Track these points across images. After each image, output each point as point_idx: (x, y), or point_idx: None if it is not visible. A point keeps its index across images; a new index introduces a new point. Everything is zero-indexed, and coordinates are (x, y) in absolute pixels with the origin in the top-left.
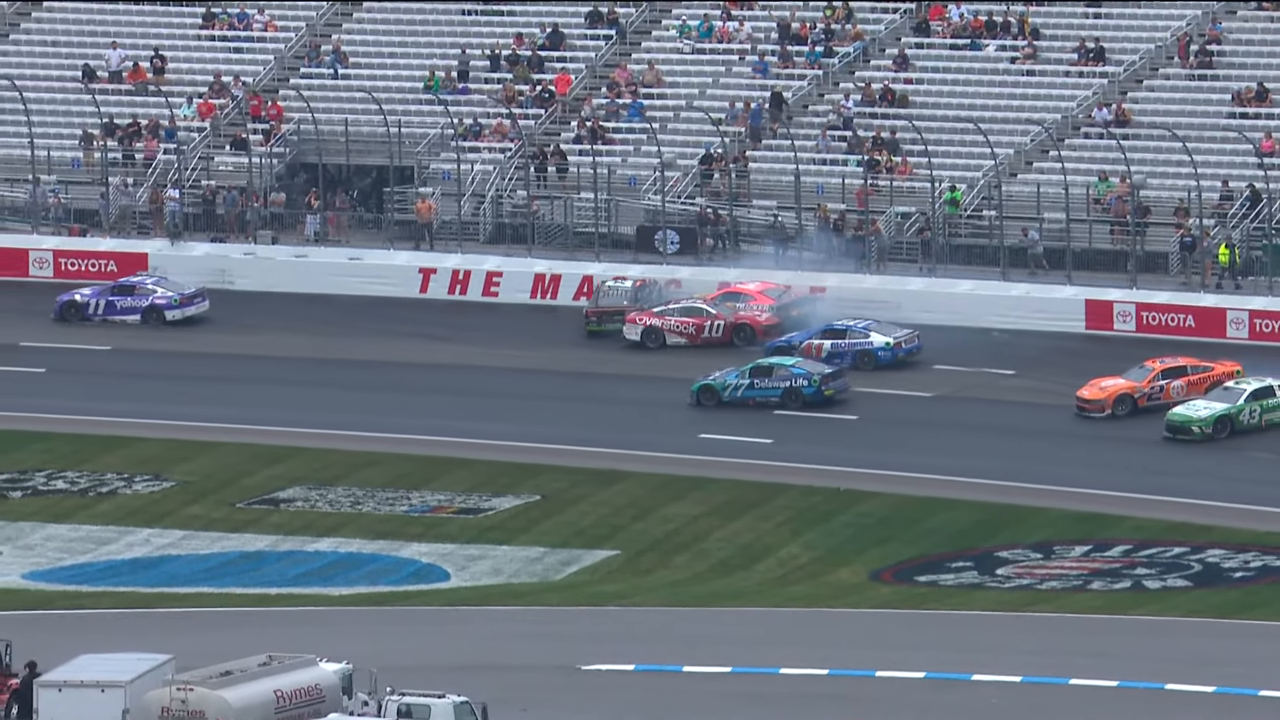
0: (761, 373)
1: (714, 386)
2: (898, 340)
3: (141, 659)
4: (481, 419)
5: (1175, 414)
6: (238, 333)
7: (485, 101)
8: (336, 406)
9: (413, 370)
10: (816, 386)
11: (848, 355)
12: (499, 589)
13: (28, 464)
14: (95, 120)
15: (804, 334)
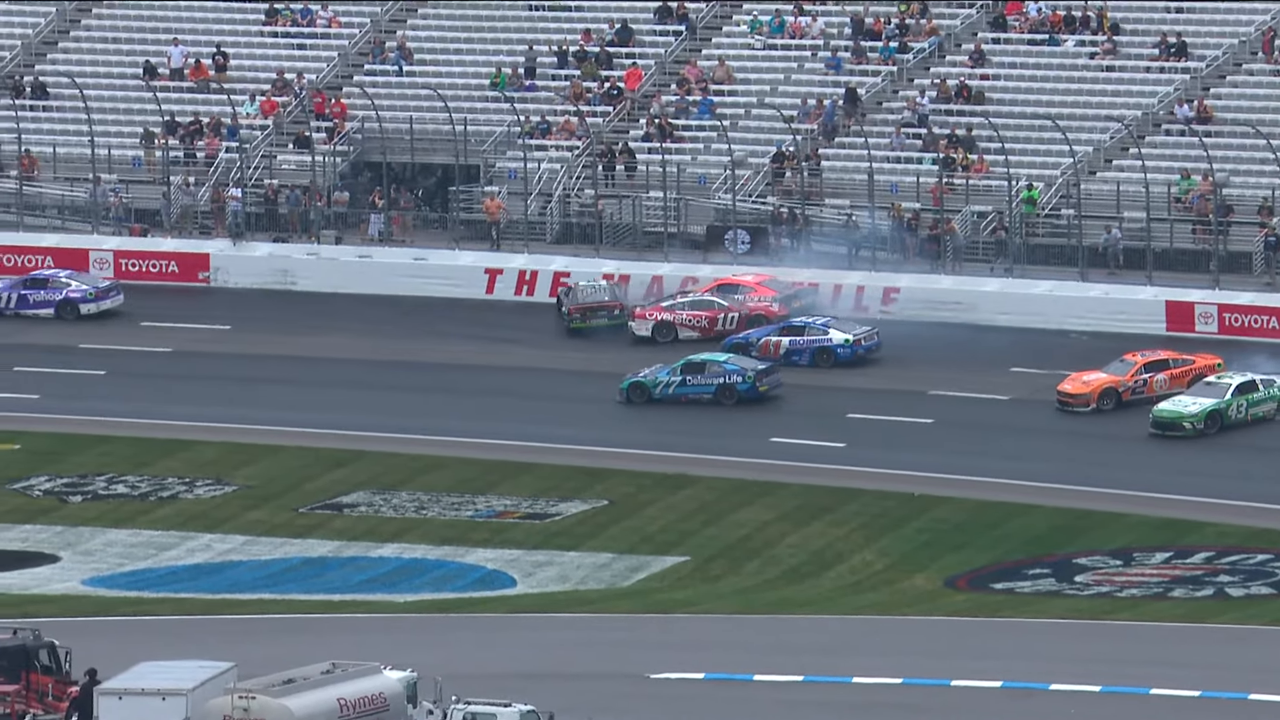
0: (694, 369)
1: (645, 384)
2: (857, 337)
3: (203, 667)
4: (549, 422)
5: (1163, 410)
6: (301, 334)
7: (552, 99)
8: (401, 410)
9: (478, 373)
10: (751, 383)
11: (806, 352)
12: (566, 596)
13: (88, 468)
14: (156, 118)
15: (761, 331)
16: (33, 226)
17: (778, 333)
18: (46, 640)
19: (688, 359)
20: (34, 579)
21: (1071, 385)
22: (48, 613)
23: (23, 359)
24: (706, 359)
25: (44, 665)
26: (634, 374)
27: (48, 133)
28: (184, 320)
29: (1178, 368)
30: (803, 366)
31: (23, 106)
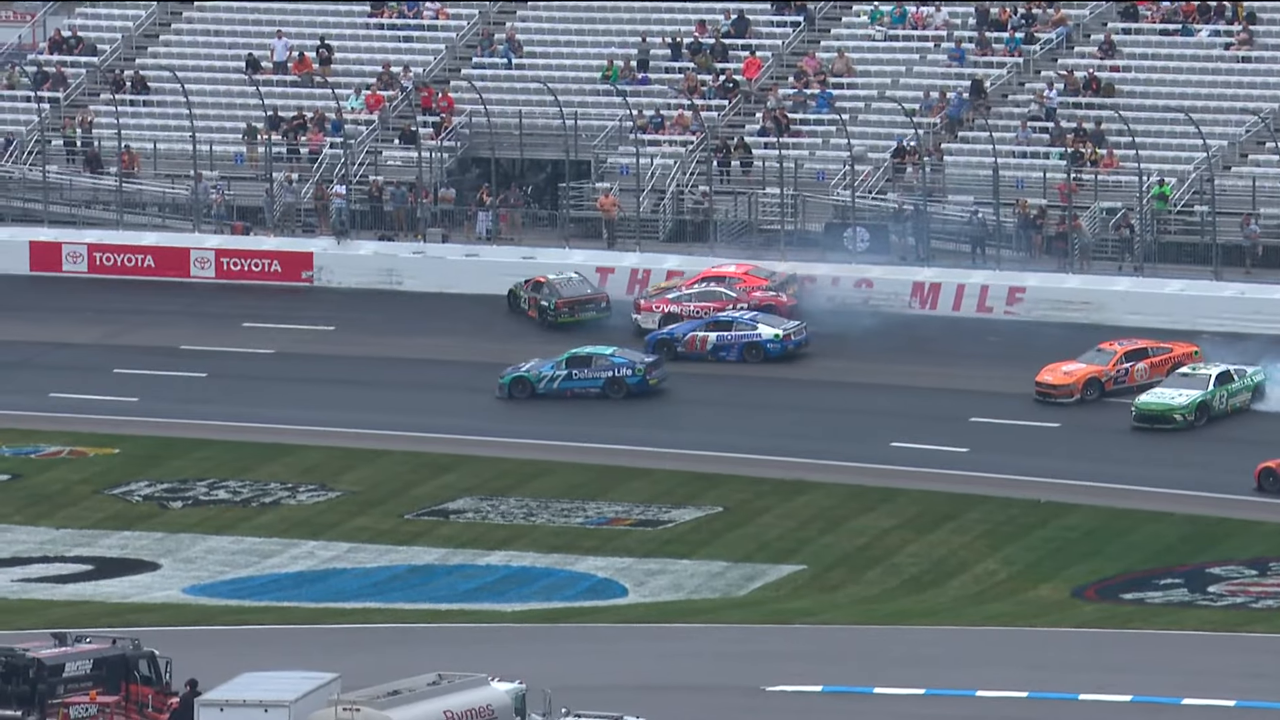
0: (579, 363)
1: (528, 378)
2: (787, 332)
3: (306, 677)
4: (661, 427)
5: (1149, 403)
6: (406, 335)
7: (666, 92)
8: (510, 414)
9: None
10: (641, 376)
11: (735, 347)
12: (679, 605)
13: (188, 473)
14: (259, 113)
15: (688, 325)
16: (132, 225)
17: (705, 328)
18: (146, 650)
19: (573, 352)
20: (134, 587)
21: (1053, 376)
22: (148, 622)
23: (123, 361)
24: (592, 352)
25: (144, 675)
26: (515, 368)
27: (148, 128)
28: (287, 321)
29: (1157, 356)
30: (731, 362)
31: (123, 102)
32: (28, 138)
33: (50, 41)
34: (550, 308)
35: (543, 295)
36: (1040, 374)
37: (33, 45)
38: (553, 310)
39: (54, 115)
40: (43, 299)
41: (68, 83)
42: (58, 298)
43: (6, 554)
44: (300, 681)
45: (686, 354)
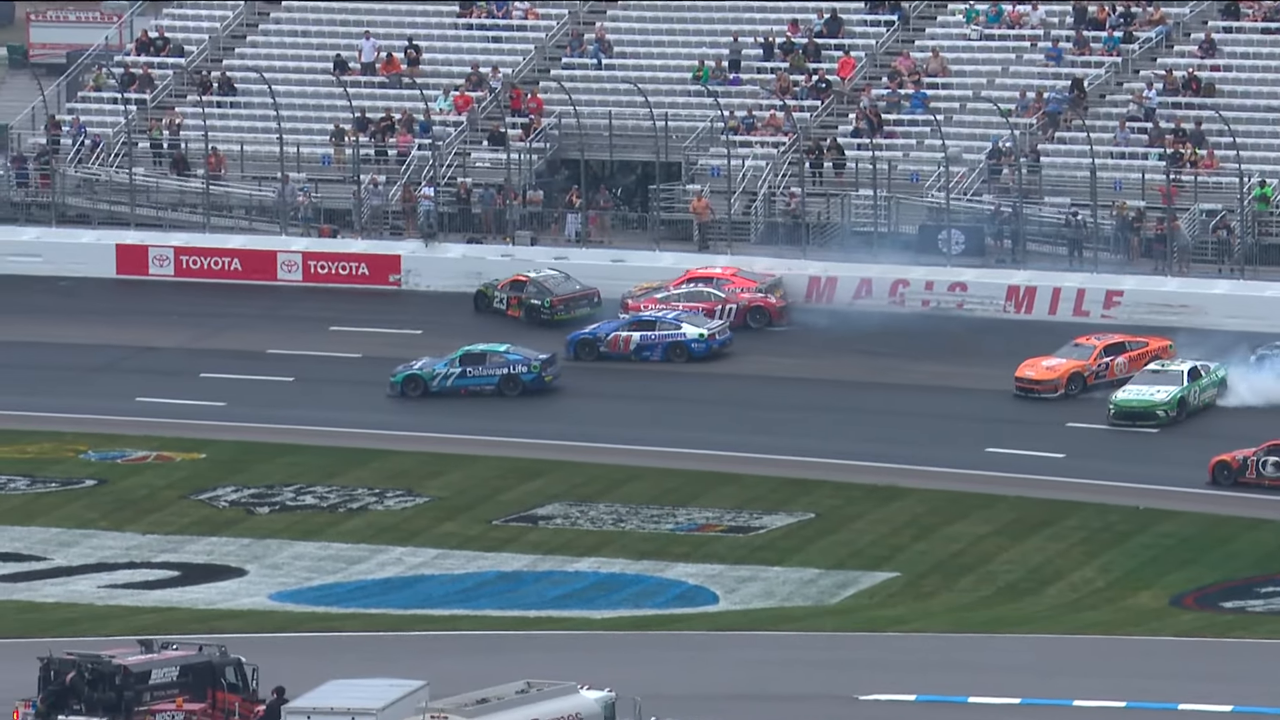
0: (473, 360)
1: (421, 376)
2: (711, 332)
3: (393, 685)
4: (752, 431)
5: (1129, 400)
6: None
7: (758, 93)
8: (598, 418)
9: (677, 380)
10: (536, 373)
11: (659, 347)
12: (770, 613)
13: (275, 478)
14: (347, 115)
15: (610, 325)
16: (219, 227)
17: (628, 328)
18: (233, 657)
19: (466, 349)
20: (220, 593)
21: (1035, 371)
22: (234, 628)
23: (209, 365)
24: (486, 349)
25: (230, 683)
26: (407, 366)
27: (235, 130)
28: (374, 325)
29: (1134, 350)
30: (655, 362)
31: (210, 103)
32: (114, 140)
33: (137, 43)
34: (545, 305)
35: (531, 294)
36: (1020, 370)
37: (120, 46)
38: (548, 308)
39: (141, 117)
40: (129, 302)
41: (155, 84)
42: (144, 301)
43: (93, 560)
44: (387, 689)
45: (609, 354)
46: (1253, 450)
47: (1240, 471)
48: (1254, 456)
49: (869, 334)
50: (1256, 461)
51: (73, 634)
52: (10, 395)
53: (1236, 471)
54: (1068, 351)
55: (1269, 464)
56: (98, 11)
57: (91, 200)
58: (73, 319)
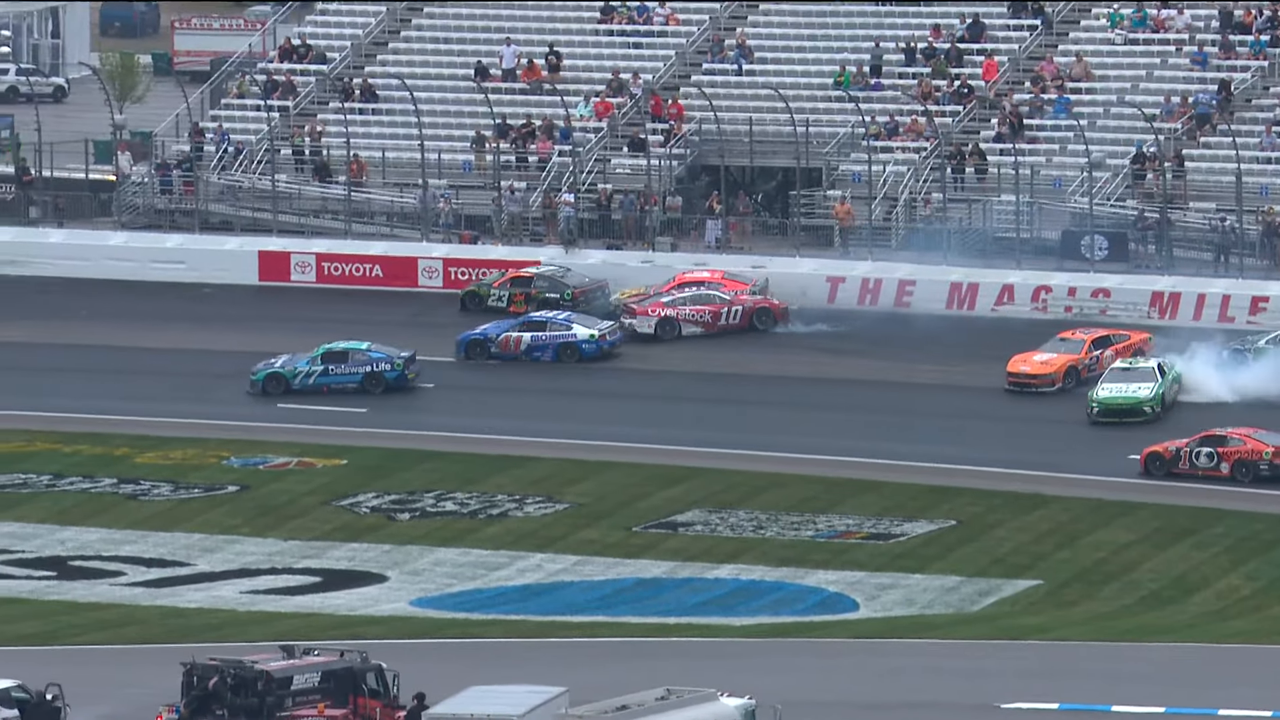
0: (335, 358)
1: (283, 374)
2: (602, 332)
3: (533, 691)
4: (893, 438)
5: (1113, 397)
6: (634, 346)
7: (899, 98)
8: (737, 425)
9: (818, 385)
10: (400, 370)
11: (550, 348)
12: (911, 620)
13: (415, 485)
14: (488, 121)
15: (502, 325)
16: (361, 234)
17: (519, 328)
18: (374, 663)
19: (327, 347)
20: (361, 599)
21: (1030, 366)
22: (375, 634)
23: None
24: (348, 347)
25: (371, 689)
26: (268, 364)
27: (376, 137)
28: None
29: (1119, 343)
30: (546, 362)
31: (352, 110)
32: (257, 147)
33: (280, 50)
34: (565, 298)
35: (545, 288)
36: (1013, 365)
37: (263, 54)
38: (569, 300)
39: (283, 124)
40: (271, 308)
41: (297, 91)
42: (286, 307)
43: (235, 565)
44: (528, 695)
45: (501, 354)
46: (1185, 441)
47: (1173, 462)
48: (1187, 447)
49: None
50: (1190, 452)
51: (215, 639)
52: (154, 402)
53: (1169, 462)
54: (1055, 346)
55: (1202, 454)
56: (241, 19)
57: (234, 207)
58: (215, 325)
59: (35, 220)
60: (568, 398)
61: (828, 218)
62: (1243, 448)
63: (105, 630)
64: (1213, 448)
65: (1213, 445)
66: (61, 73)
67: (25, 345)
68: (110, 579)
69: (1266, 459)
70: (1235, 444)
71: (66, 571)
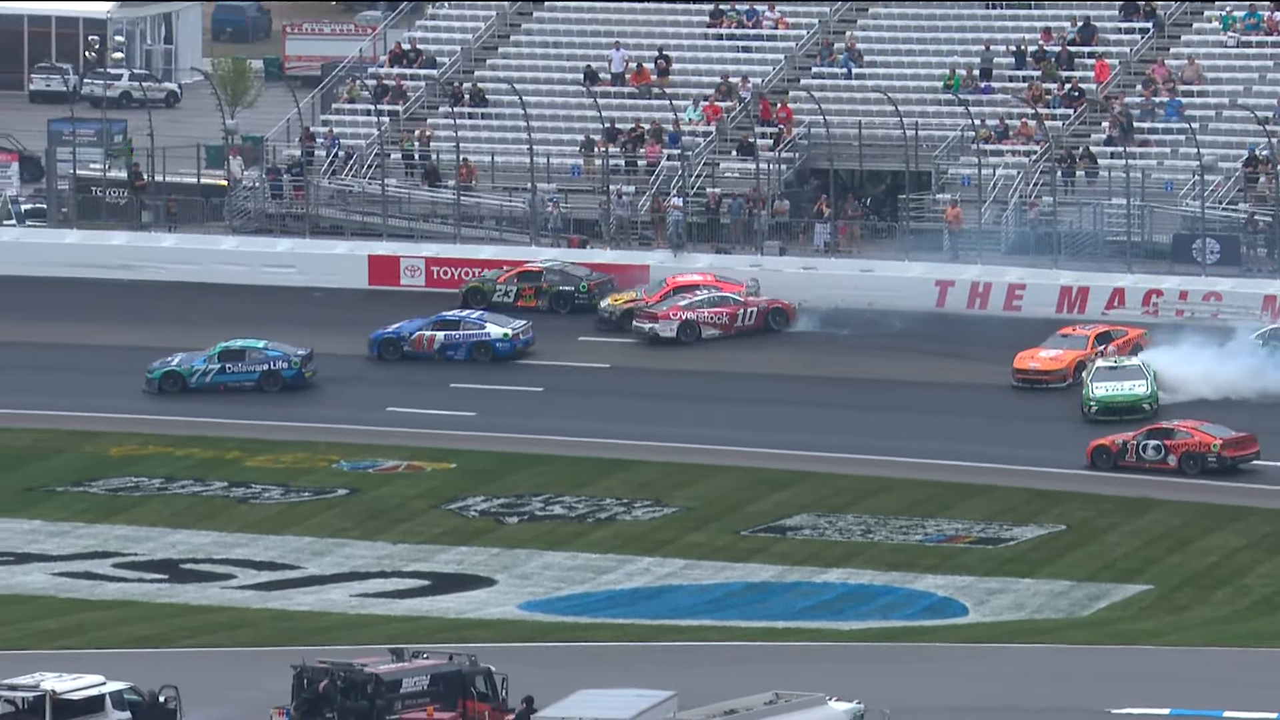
0: (232, 356)
1: (180, 373)
2: (515, 331)
3: (642, 695)
4: (1002, 443)
5: (1113, 396)
6: (741, 350)
7: (1009, 101)
8: (846, 428)
9: (928, 390)
10: (297, 369)
11: (463, 347)
12: (1021, 625)
13: (524, 488)
14: (596, 125)
15: (414, 324)
16: (470, 238)
17: (432, 327)
18: (483, 666)
19: (224, 345)
20: (470, 603)
21: (1039, 363)
22: (484, 638)
23: (459, 376)
24: (245, 345)
25: (480, 692)
26: (164, 362)
27: (486, 141)
28: (623, 335)
29: (1119, 338)
30: (459, 361)
31: (461, 114)
32: (367, 151)
33: (390, 55)
34: (581, 290)
35: (556, 281)
36: (1020, 361)
37: (373, 58)
38: (585, 293)
39: (393, 128)
40: (381, 313)
41: (407, 96)
42: (396, 311)
43: (344, 569)
44: (636, 699)
45: (414, 353)
46: (1132, 434)
47: (1120, 455)
48: (1134, 440)
49: None
50: (1136, 445)
51: (325, 642)
52: (264, 405)
53: (1116, 455)
54: (1058, 342)
55: (1149, 447)
56: (352, 24)
57: (344, 211)
58: (326, 329)
59: (147, 225)
60: (676, 401)
61: (937, 221)
62: (1190, 440)
63: (216, 633)
64: (1160, 440)
65: (1160, 438)
66: (174, 78)
67: (139, 349)
68: (221, 582)
69: (1215, 451)
70: (1182, 436)
71: (178, 574)
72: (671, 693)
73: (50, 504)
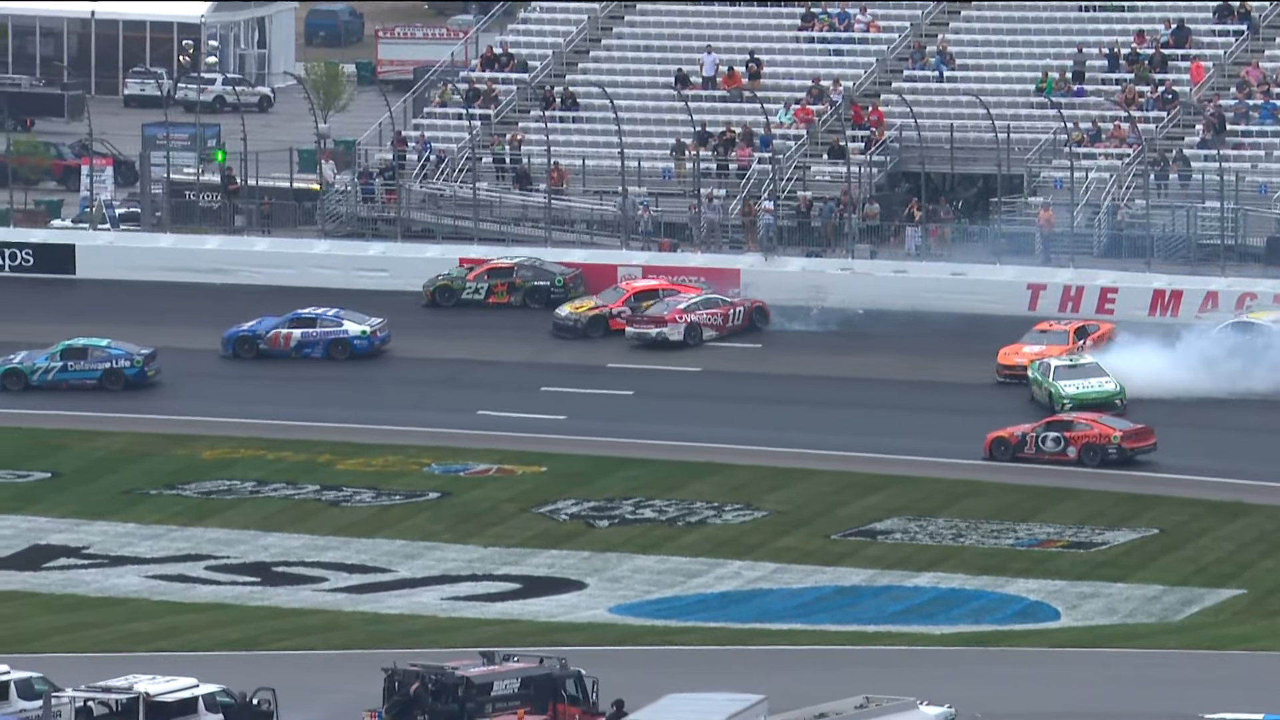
0: (75, 354)
1: (21, 370)
2: (373, 329)
3: (732, 699)
4: None
5: (1086, 393)
6: (833, 354)
7: (1102, 104)
8: (937, 432)
9: (1019, 393)
10: (139, 368)
11: (320, 344)
12: (1112, 630)
13: (614, 492)
14: (687, 129)
15: (270, 321)
16: (560, 241)
17: (288, 325)
18: (573, 670)
19: (67, 343)
20: (560, 606)
21: (1024, 359)
22: (574, 641)
23: (551, 379)
24: (87, 343)
25: (570, 695)
26: (6, 360)
27: (576, 145)
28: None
29: (1094, 332)
30: (317, 359)
31: (552, 118)
32: (459, 155)
33: (482, 59)
34: (557, 285)
35: (529, 277)
36: (1004, 357)
37: (465, 63)
38: (560, 287)
39: (484, 132)
40: (471, 316)
41: (498, 100)
42: (487, 315)
43: (436, 572)
44: (726, 703)
45: (270, 351)
46: (1031, 426)
47: (1019, 447)
48: (1033, 432)
49: None
50: (1036, 437)
51: (416, 645)
52: (356, 409)
53: (1015, 447)
54: (1035, 338)
55: (1049, 439)
56: (444, 28)
57: (436, 215)
58: (417, 333)
59: (240, 229)
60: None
61: (1029, 224)
62: (1090, 432)
63: (308, 636)
64: (1059, 432)
65: (1059, 430)
66: (267, 82)
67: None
68: (313, 585)
69: (1115, 442)
70: (1082, 428)
71: (270, 577)
72: (761, 696)
73: (144, 507)
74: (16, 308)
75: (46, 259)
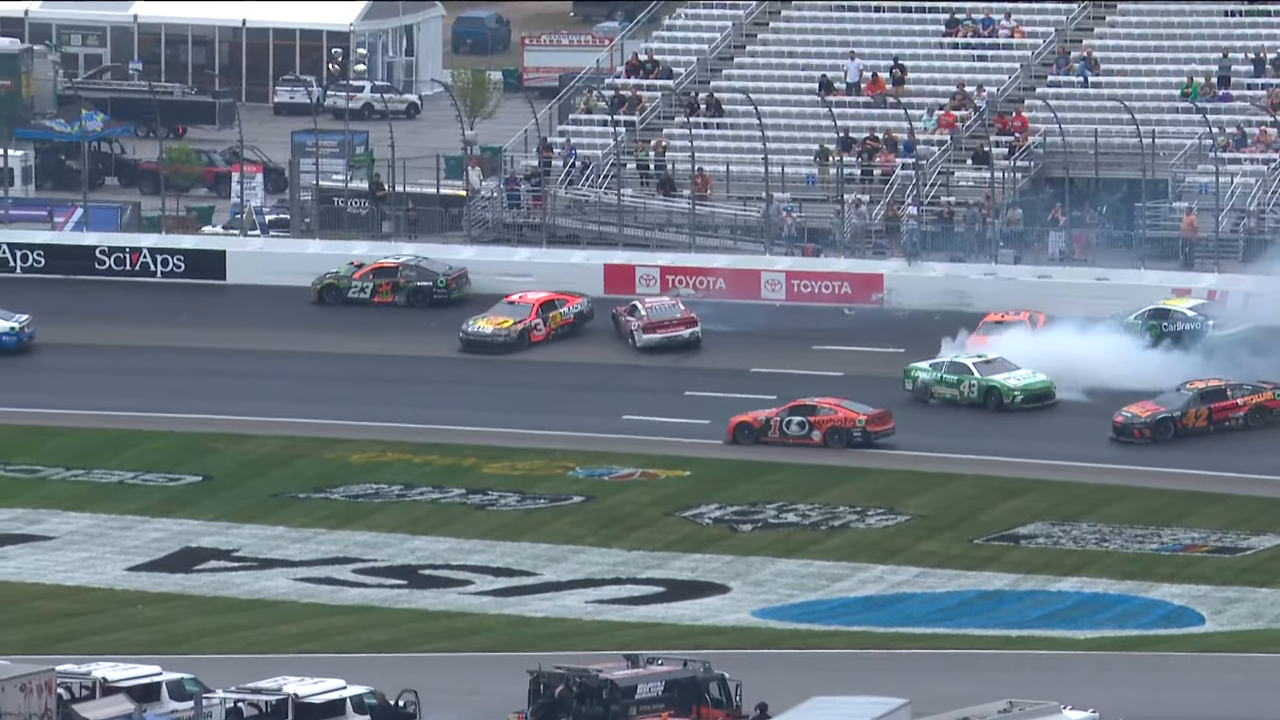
0: None
1: None
2: (20, 325)
3: (875, 703)
4: (1234, 452)
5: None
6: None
7: (1248, 109)
8: (1080, 436)
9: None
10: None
11: None
12: (1257, 635)
13: (757, 496)
14: (831, 135)
15: None
16: (704, 247)
17: None
18: (717, 673)
19: None
20: (704, 610)
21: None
22: (717, 644)
23: (695, 383)
24: None
25: (714, 698)
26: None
27: (721, 150)
28: (856, 344)
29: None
30: None
31: (696, 124)
32: (603, 161)
33: (627, 65)
34: (439, 285)
35: (413, 277)
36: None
37: (610, 69)
38: (443, 288)
39: (629, 138)
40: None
41: (643, 106)
42: None
43: (580, 575)
44: (870, 707)
45: None
46: (775, 410)
47: (762, 431)
48: (777, 416)
49: None
50: (780, 421)
51: (561, 648)
52: (501, 413)
53: (758, 431)
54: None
55: (793, 423)
56: (589, 35)
57: (580, 221)
58: (562, 338)
59: (388, 234)
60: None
61: (1173, 229)
62: (834, 416)
63: (454, 638)
64: (804, 416)
65: (803, 414)
66: (415, 89)
67: (376, 357)
68: (459, 588)
69: (860, 426)
70: (826, 413)
71: (416, 580)
72: (904, 701)
73: (293, 510)
74: (168, 312)
75: (198, 265)
